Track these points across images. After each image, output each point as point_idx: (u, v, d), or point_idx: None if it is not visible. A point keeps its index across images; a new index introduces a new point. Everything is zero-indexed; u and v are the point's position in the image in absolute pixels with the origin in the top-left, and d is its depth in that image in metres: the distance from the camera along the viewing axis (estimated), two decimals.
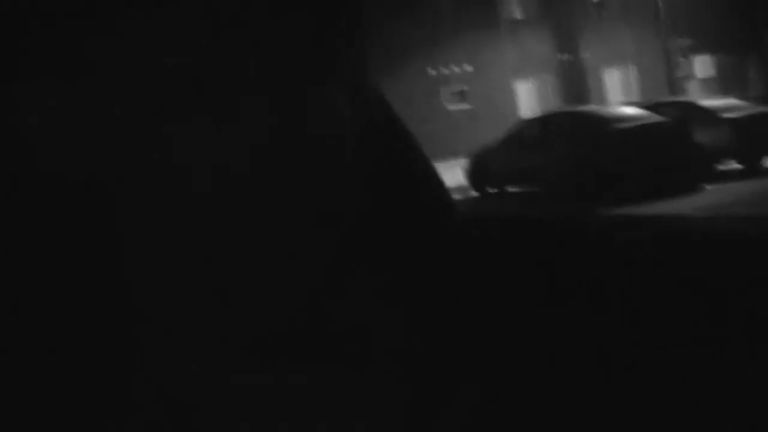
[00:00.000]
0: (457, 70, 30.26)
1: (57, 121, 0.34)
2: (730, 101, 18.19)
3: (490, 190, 17.67)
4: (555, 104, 29.45)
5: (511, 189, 17.32)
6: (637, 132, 15.23)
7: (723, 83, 31.77)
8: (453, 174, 16.92)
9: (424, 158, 0.47)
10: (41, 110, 0.34)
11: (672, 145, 15.04)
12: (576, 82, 32.09)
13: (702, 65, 32.87)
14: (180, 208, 0.35)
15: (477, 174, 18.02)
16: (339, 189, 0.39)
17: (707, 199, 13.15)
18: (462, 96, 30.49)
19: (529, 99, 31.37)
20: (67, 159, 0.34)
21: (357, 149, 0.40)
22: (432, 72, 29.85)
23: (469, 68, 30.46)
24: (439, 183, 0.47)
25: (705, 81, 32.25)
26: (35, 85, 0.34)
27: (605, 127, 15.54)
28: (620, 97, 30.57)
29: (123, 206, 0.35)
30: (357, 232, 0.40)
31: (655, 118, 15.99)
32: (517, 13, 31.40)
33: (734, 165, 16.30)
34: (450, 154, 21.48)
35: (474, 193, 17.63)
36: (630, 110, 16.87)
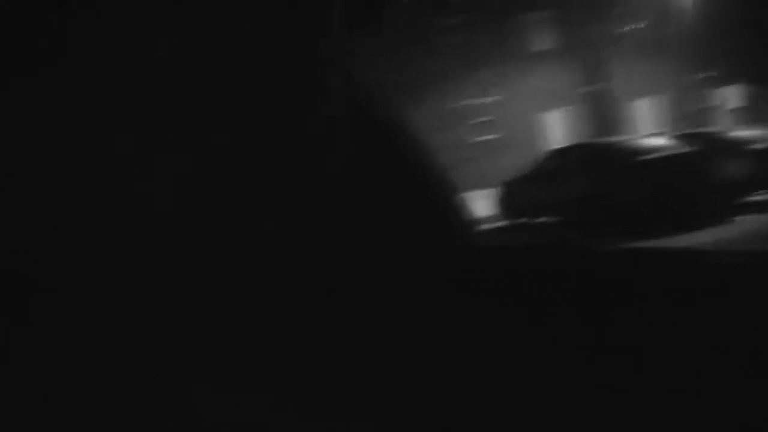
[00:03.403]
0: (482, 101, 30.21)
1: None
2: (760, 132, 17.98)
3: (520, 220, 17.62)
4: (583, 135, 29.29)
5: (540, 220, 17.24)
6: (660, 163, 15.09)
7: (754, 114, 31.45)
8: (480, 204, 16.87)
9: (429, 164, 0.47)
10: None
11: (698, 176, 14.89)
12: (605, 112, 31.90)
13: (732, 96, 32.59)
14: (181, 207, 0.34)
15: (507, 203, 18.03)
16: (336, 189, 0.39)
17: (734, 231, 12.97)
18: (488, 127, 30.41)
19: (556, 130, 31.22)
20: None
21: (351, 144, 0.40)
22: (457, 103, 29.81)
23: (495, 99, 30.40)
24: (445, 191, 0.47)
25: (735, 111, 31.95)
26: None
27: (628, 158, 15.41)
28: (649, 128, 30.34)
29: (128, 201, 0.34)
30: (355, 236, 0.41)
31: (681, 149, 15.85)
32: (544, 45, 31.34)
33: (764, 197, 16.10)
34: (477, 184, 21.38)
35: (502, 223, 17.55)
36: (656, 141, 16.73)
